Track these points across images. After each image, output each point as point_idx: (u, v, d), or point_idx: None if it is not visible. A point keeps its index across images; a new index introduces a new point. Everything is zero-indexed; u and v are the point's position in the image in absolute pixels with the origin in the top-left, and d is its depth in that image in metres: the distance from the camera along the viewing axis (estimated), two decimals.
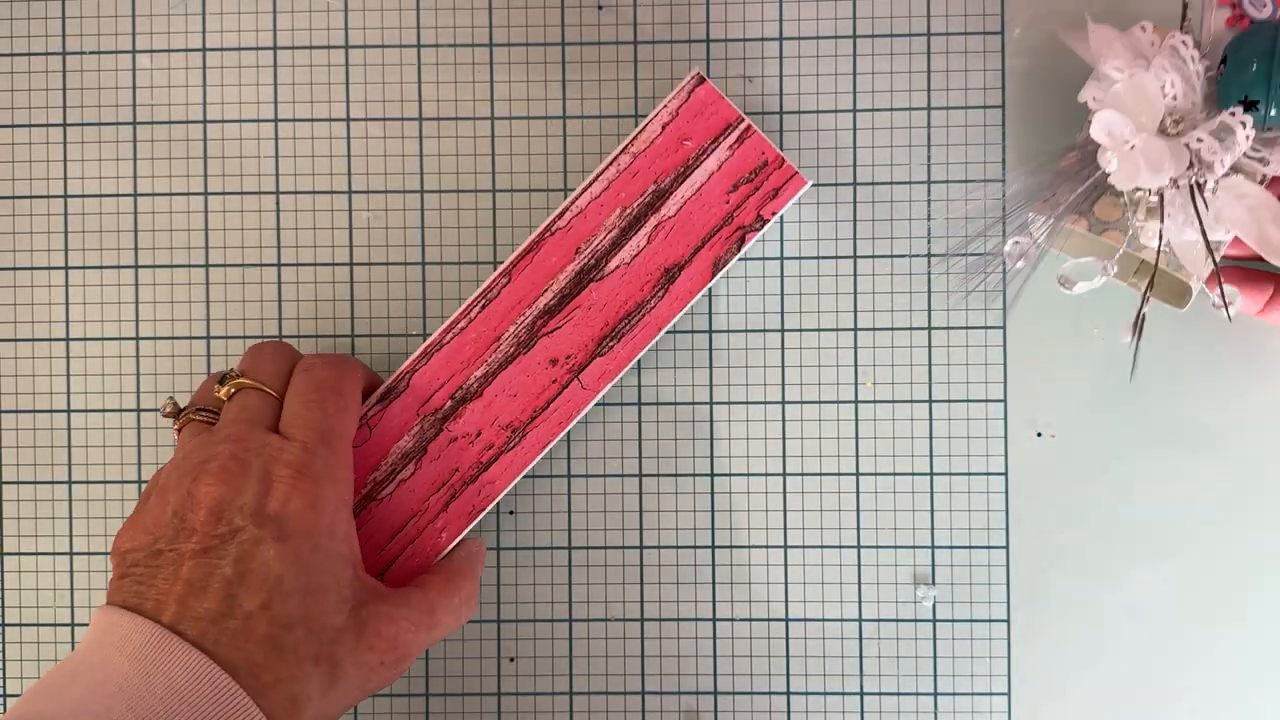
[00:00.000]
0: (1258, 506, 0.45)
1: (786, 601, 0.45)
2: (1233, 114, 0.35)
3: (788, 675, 0.45)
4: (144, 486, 0.45)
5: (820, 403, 0.45)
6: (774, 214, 0.39)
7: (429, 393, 0.39)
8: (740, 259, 0.45)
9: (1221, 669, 0.45)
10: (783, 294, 0.45)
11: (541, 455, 0.39)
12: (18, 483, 0.46)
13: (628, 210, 0.39)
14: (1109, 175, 0.37)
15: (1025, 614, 0.45)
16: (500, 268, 0.40)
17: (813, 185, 0.45)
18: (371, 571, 0.40)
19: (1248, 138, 0.36)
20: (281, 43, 0.45)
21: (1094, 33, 0.38)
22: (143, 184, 0.46)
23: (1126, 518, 0.45)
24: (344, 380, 0.38)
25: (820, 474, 0.45)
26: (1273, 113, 0.35)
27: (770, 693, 0.45)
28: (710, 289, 0.45)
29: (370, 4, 0.45)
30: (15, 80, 0.46)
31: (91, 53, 0.46)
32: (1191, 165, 0.36)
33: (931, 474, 0.45)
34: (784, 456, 0.45)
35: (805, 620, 0.45)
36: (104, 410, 0.45)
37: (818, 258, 0.45)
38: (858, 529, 0.45)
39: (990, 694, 0.45)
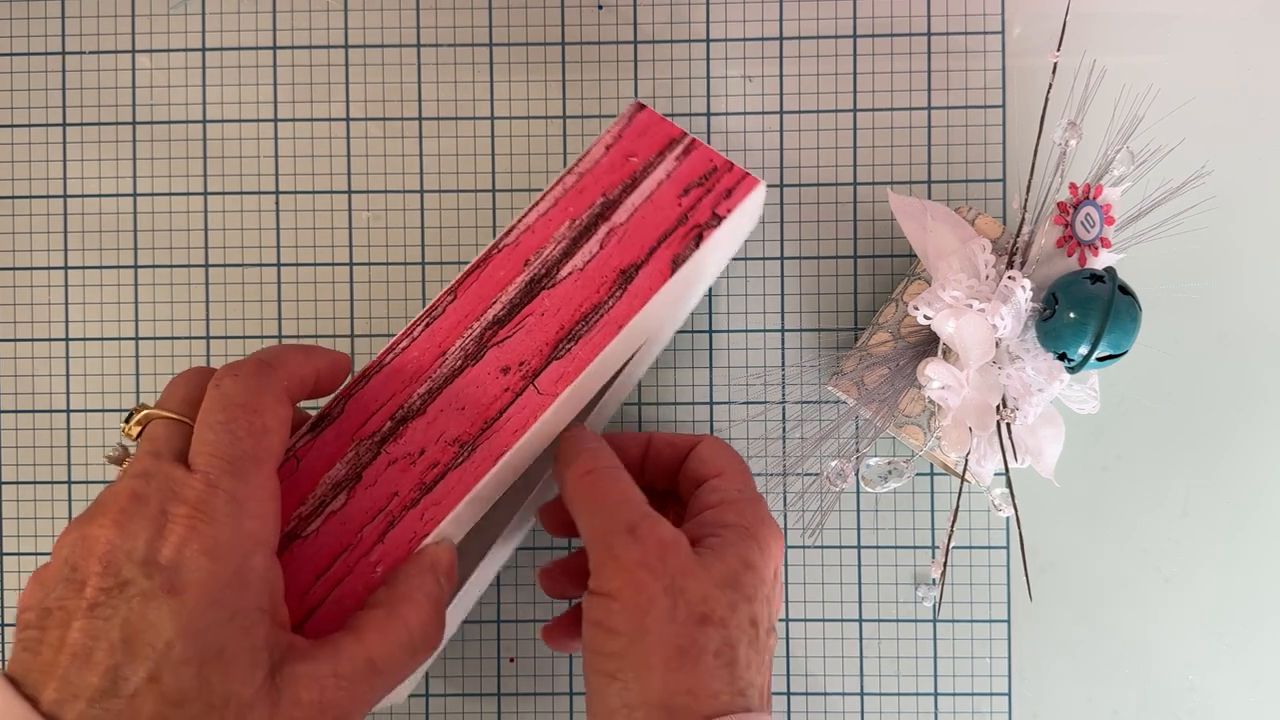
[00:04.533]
0: (1258, 507, 0.45)
1: (787, 602, 0.45)
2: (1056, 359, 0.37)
3: (788, 675, 0.45)
4: None
5: (820, 403, 0.45)
6: (729, 211, 0.37)
7: (365, 416, 0.35)
8: (740, 259, 0.45)
9: (1221, 669, 0.45)
10: (783, 294, 0.45)
11: (494, 470, 0.34)
12: (17, 483, 0.46)
13: (577, 221, 0.37)
14: (933, 415, 0.39)
15: (1025, 614, 0.45)
16: (446, 287, 0.37)
17: (813, 185, 0.45)
18: (291, 621, 0.33)
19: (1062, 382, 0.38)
20: (281, 43, 0.45)
21: (902, 207, 0.40)
22: (143, 184, 0.46)
23: (1127, 517, 0.45)
24: (260, 394, 0.31)
25: (821, 474, 0.45)
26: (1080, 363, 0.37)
27: (770, 693, 0.45)
28: (710, 289, 0.45)
29: (370, 4, 0.45)
30: (15, 80, 0.46)
31: (91, 53, 0.46)
32: (1003, 404, 0.38)
33: (932, 474, 0.45)
34: (784, 456, 0.45)
35: (805, 620, 0.45)
36: (104, 410, 0.45)
37: (818, 257, 0.45)
38: (858, 529, 0.45)
39: (990, 694, 0.45)
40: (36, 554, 0.46)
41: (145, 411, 0.32)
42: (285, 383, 0.32)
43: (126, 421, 0.32)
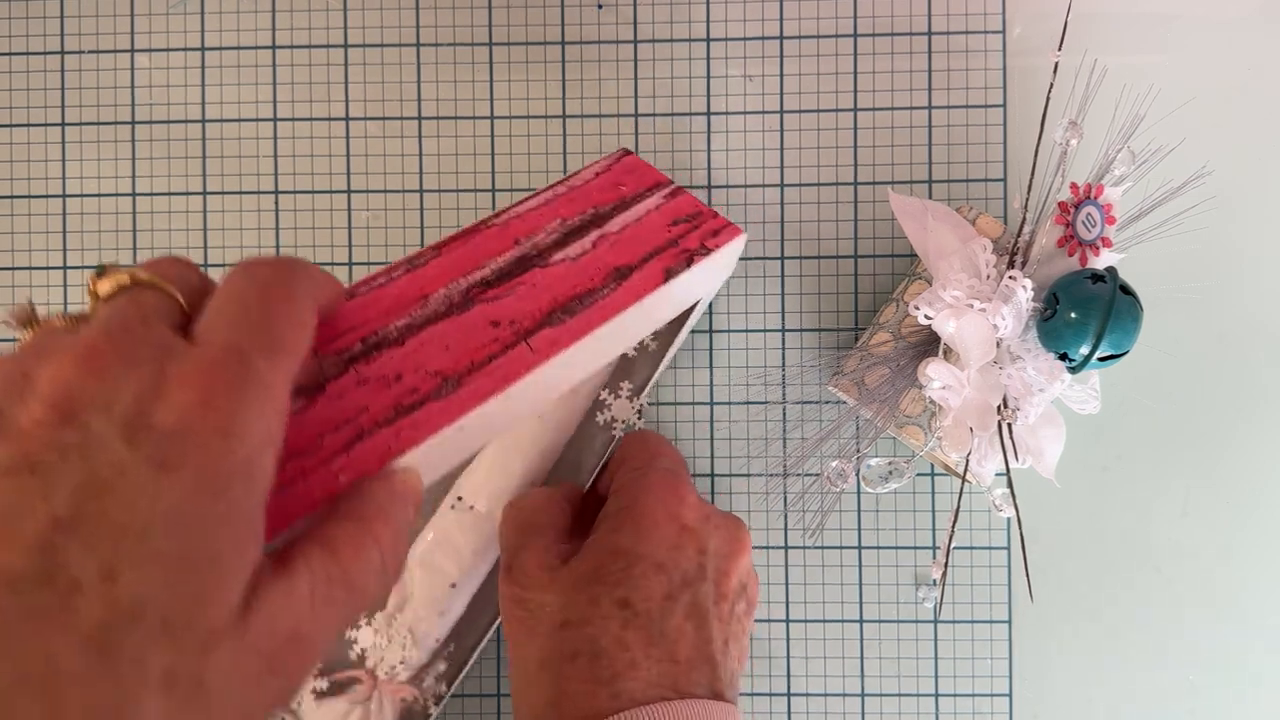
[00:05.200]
0: (1258, 507, 0.45)
1: (787, 602, 0.45)
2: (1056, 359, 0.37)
3: (788, 676, 0.45)
4: None
5: (820, 403, 0.45)
6: (718, 246, 0.36)
7: (333, 335, 0.31)
8: (741, 259, 0.45)
9: (1222, 669, 0.45)
10: (783, 294, 0.45)
11: (480, 408, 0.30)
12: None
13: (568, 221, 0.36)
14: (935, 429, 0.39)
15: (1025, 614, 0.45)
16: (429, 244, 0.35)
17: (813, 185, 0.45)
18: None
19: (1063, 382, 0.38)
20: (281, 42, 0.45)
21: (903, 207, 0.40)
22: (142, 184, 0.46)
23: (1128, 517, 0.45)
24: (295, 282, 0.25)
25: (821, 474, 0.45)
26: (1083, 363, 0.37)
27: (771, 694, 0.45)
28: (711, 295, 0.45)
29: (370, 4, 0.45)
30: (15, 80, 0.46)
31: (91, 52, 0.46)
32: (1004, 404, 0.38)
33: (932, 474, 0.45)
34: (784, 456, 0.45)
35: (806, 621, 0.45)
36: None
37: (818, 257, 0.45)
38: (858, 529, 0.45)
39: (991, 695, 0.45)
40: None
41: (129, 270, 0.24)
42: (315, 282, 0.26)
43: (99, 275, 0.24)
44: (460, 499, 0.41)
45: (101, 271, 0.24)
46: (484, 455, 0.41)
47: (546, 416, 0.41)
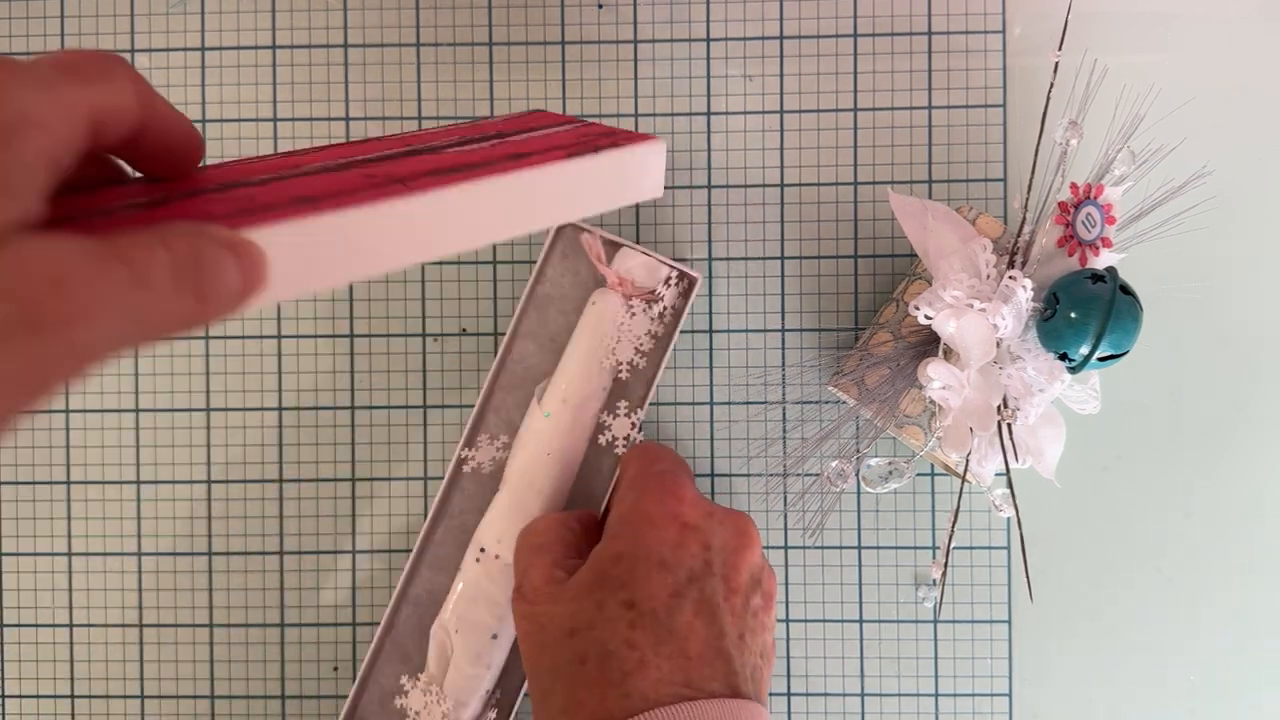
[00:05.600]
0: (1259, 506, 0.45)
1: (787, 602, 0.45)
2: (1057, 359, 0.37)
3: (788, 676, 0.45)
4: (142, 490, 0.45)
5: (820, 403, 0.45)
6: (629, 143, 0.33)
7: (190, 185, 0.27)
8: (741, 259, 0.45)
9: (1221, 669, 0.45)
10: (783, 294, 0.45)
11: (336, 218, 0.25)
12: (17, 483, 0.46)
13: (468, 135, 0.33)
14: (936, 431, 0.39)
15: (1025, 614, 0.45)
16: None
17: (813, 185, 0.45)
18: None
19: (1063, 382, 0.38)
20: (281, 42, 0.45)
21: (903, 207, 0.40)
22: None
23: (1127, 517, 0.45)
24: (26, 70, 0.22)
25: (821, 474, 0.45)
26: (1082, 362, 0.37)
27: (771, 694, 0.45)
28: (710, 290, 0.45)
29: (370, 4, 0.45)
30: None
31: None
32: (1004, 404, 0.38)
33: (932, 474, 0.45)
34: (784, 456, 0.45)
35: (805, 621, 0.45)
36: (102, 410, 0.45)
37: (818, 257, 0.45)
38: (858, 529, 0.45)
39: (991, 694, 0.45)
40: (36, 554, 0.46)
41: None
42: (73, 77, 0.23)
43: None
44: (484, 550, 0.41)
45: None
46: (499, 504, 0.41)
47: (554, 452, 0.41)
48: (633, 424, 0.42)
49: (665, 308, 0.42)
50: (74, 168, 0.23)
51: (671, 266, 0.42)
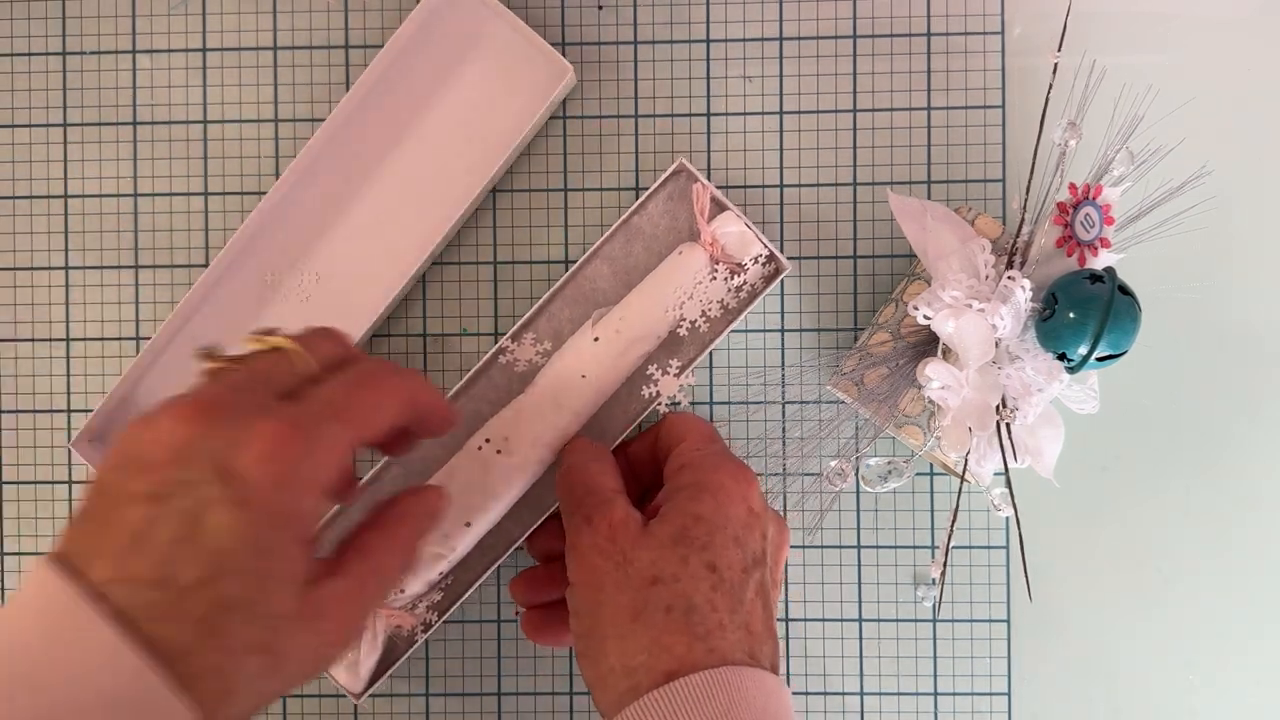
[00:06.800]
0: (1258, 506, 0.45)
1: (787, 602, 0.45)
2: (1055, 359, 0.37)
3: (788, 675, 0.45)
4: None
5: (820, 403, 0.45)
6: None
7: None
8: None
9: (1221, 669, 0.45)
10: (783, 294, 0.45)
11: None
12: (18, 483, 0.46)
13: None
14: (935, 429, 0.39)
15: (1025, 614, 0.45)
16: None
17: (813, 185, 0.45)
18: None
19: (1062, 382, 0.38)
20: (281, 43, 0.45)
21: (902, 207, 0.40)
22: (143, 184, 0.46)
23: (1127, 517, 0.45)
24: (387, 378, 0.33)
25: (821, 474, 0.45)
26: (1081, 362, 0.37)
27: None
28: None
29: (370, 4, 0.45)
30: (15, 80, 0.46)
31: (91, 53, 0.46)
32: (1002, 404, 0.38)
33: (932, 474, 0.45)
34: (784, 456, 0.45)
35: (805, 620, 0.45)
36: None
37: (818, 258, 0.45)
38: (858, 529, 0.45)
39: (990, 694, 0.45)
40: (37, 554, 0.46)
41: (283, 340, 0.32)
42: (411, 389, 0.33)
43: (258, 336, 0.32)
44: (488, 441, 0.41)
45: (268, 332, 0.32)
46: (519, 406, 0.41)
47: (590, 376, 0.41)
48: (680, 386, 0.42)
49: (746, 284, 0.42)
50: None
51: (765, 245, 0.41)
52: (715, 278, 0.42)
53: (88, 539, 0.28)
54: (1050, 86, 0.38)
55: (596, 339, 0.41)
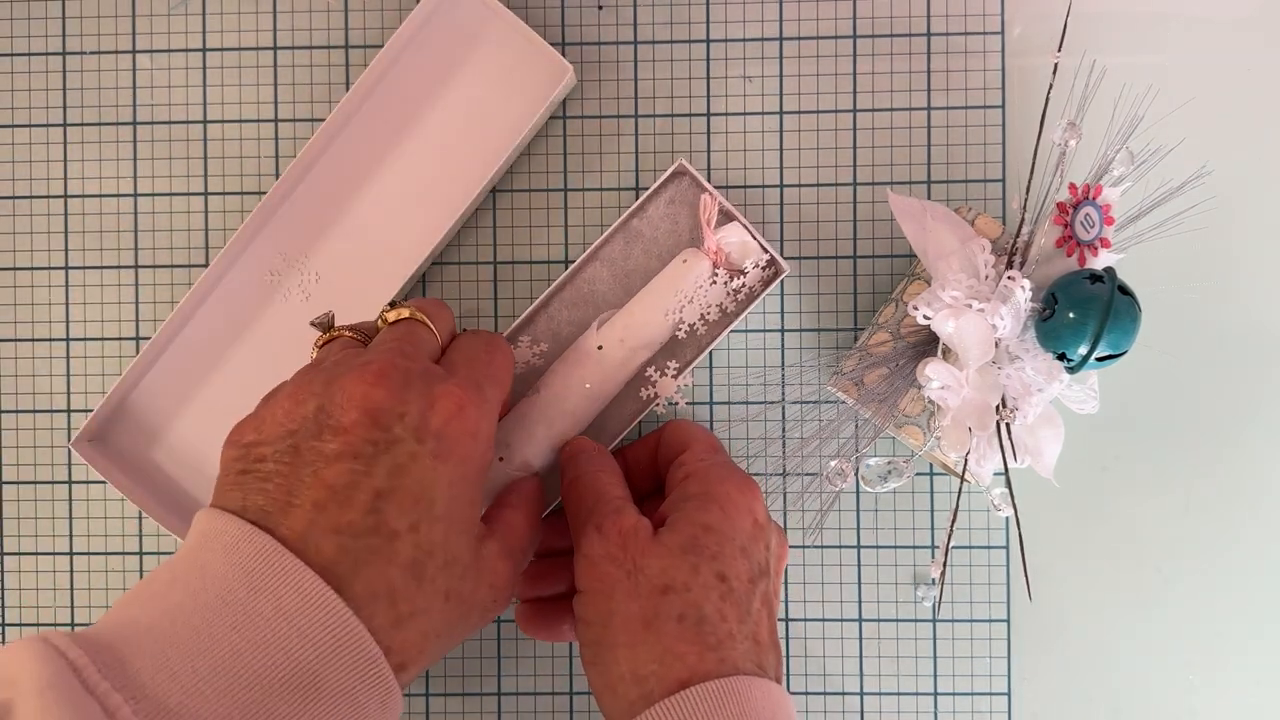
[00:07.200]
0: (1258, 506, 0.45)
1: (787, 601, 0.45)
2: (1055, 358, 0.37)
3: (788, 675, 0.45)
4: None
5: (820, 403, 0.45)
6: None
7: None
8: None
9: (1221, 669, 0.45)
10: (783, 294, 0.45)
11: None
12: (18, 483, 0.46)
13: None
14: (935, 430, 0.39)
15: (1025, 614, 0.45)
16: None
17: (813, 185, 0.45)
18: None
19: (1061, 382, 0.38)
20: (281, 43, 0.45)
21: (902, 207, 0.40)
22: (143, 184, 0.46)
23: (1127, 517, 0.45)
24: (504, 344, 0.38)
25: (820, 474, 0.45)
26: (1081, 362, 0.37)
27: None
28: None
29: (370, 4, 0.45)
30: (15, 80, 0.46)
31: (91, 53, 0.46)
32: (1002, 404, 0.38)
33: (931, 474, 0.45)
34: (784, 456, 0.45)
35: (805, 620, 0.45)
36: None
37: (818, 258, 0.45)
38: (858, 529, 0.45)
39: (990, 694, 0.45)
40: (37, 553, 0.46)
41: (415, 312, 0.36)
42: (512, 359, 0.38)
43: (391, 307, 0.36)
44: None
45: (393, 305, 0.36)
46: (524, 414, 0.41)
47: (594, 385, 0.41)
48: (677, 388, 0.43)
49: (745, 287, 0.42)
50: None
51: (769, 253, 0.42)
52: (715, 282, 0.42)
53: (278, 493, 0.30)
54: (1050, 86, 0.38)
55: (600, 347, 0.41)
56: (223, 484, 0.31)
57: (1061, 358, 0.37)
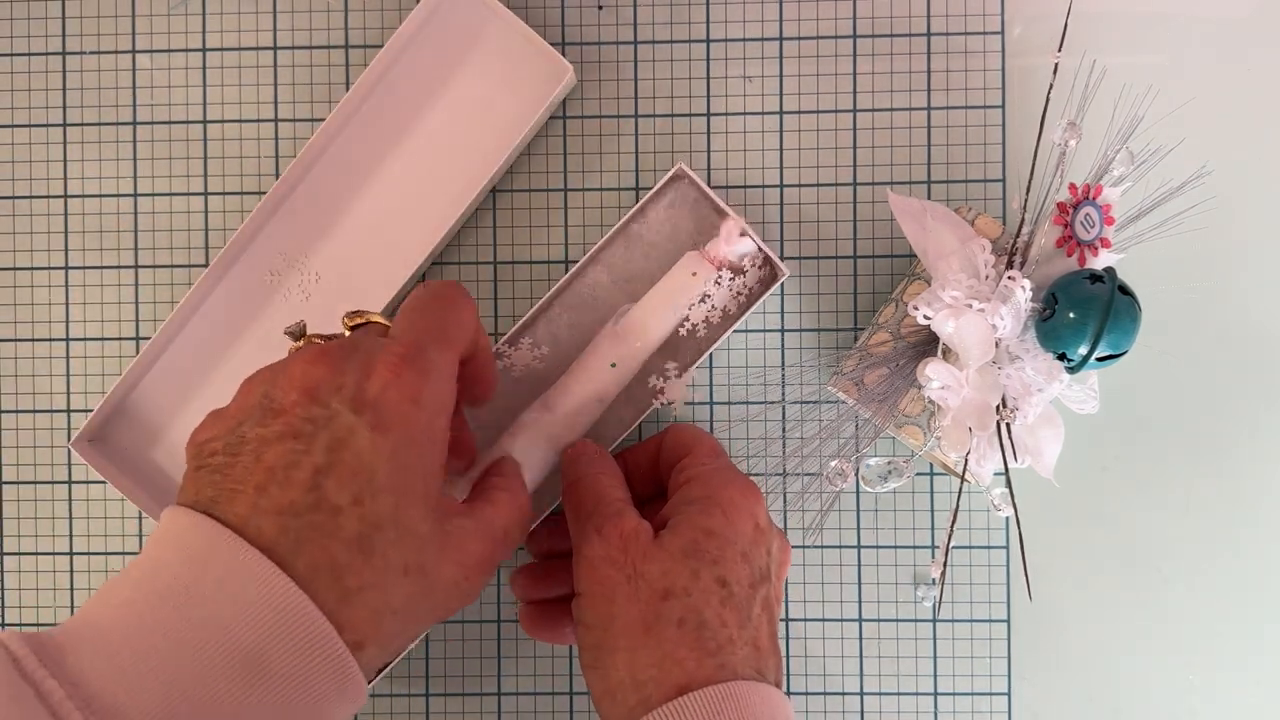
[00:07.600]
0: (1258, 506, 0.45)
1: (787, 602, 0.45)
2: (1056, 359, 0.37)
3: (788, 675, 0.45)
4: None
5: (820, 403, 0.45)
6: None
7: None
8: None
9: (1221, 669, 0.45)
10: (783, 294, 0.45)
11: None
12: (18, 483, 0.46)
13: None
14: (935, 426, 0.39)
15: (1025, 614, 0.45)
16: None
17: (813, 185, 0.45)
18: None
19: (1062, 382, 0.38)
20: (281, 43, 0.45)
21: (902, 207, 0.40)
22: (143, 184, 0.46)
23: (1127, 517, 0.45)
24: (457, 296, 0.35)
25: (821, 474, 0.45)
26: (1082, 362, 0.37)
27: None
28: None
29: (370, 4, 0.45)
30: (15, 80, 0.46)
31: (91, 53, 0.46)
32: (1002, 404, 0.38)
33: (932, 474, 0.45)
34: (784, 456, 0.45)
35: (805, 620, 0.45)
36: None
37: (818, 258, 0.45)
38: (858, 529, 0.45)
39: (990, 694, 0.45)
40: (37, 553, 0.46)
41: (371, 315, 0.36)
42: (473, 309, 0.36)
43: (350, 315, 0.36)
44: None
45: (354, 313, 0.36)
46: (527, 423, 0.41)
47: (605, 400, 0.41)
48: (678, 389, 0.43)
49: (745, 287, 0.42)
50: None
51: (776, 264, 0.41)
52: (720, 285, 0.42)
53: (223, 484, 0.29)
54: (1050, 86, 0.38)
55: (614, 365, 0.41)
56: (182, 483, 0.31)
57: (1062, 358, 0.37)
